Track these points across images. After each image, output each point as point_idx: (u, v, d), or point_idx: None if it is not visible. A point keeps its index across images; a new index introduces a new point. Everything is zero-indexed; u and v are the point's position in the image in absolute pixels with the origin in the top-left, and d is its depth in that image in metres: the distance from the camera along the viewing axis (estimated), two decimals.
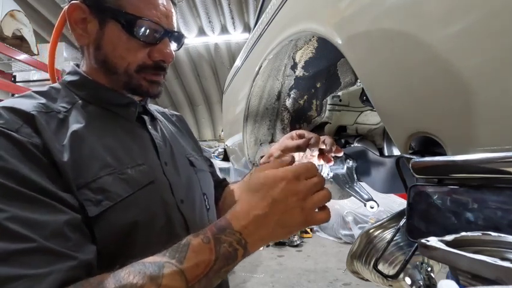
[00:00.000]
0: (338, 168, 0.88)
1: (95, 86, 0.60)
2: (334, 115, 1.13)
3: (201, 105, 11.27)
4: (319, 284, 3.83)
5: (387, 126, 0.55)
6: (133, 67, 0.59)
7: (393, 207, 4.60)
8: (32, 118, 0.48)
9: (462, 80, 0.39)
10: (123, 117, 0.62)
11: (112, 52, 0.58)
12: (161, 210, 0.56)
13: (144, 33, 0.58)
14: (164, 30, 0.60)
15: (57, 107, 0.54)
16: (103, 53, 0.58)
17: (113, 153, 0.54)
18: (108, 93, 0.61)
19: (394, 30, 0.48)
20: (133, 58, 0.59)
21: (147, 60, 0.60)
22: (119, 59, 0.58)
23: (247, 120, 1.33)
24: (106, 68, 0.59)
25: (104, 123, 0.58)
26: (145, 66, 0.60)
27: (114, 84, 0.61)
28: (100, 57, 0.59)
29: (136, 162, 0.56)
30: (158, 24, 0.59)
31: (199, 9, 7.22)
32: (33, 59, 4.03)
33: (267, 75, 1.16)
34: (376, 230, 0.91)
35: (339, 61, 0.95)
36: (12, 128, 0.45)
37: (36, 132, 0.47)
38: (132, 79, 0.60)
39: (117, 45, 0.58)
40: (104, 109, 0.60)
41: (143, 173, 0.56)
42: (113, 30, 0.57)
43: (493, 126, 0.36)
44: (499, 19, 0.34)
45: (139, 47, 0.59)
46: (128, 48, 0.58)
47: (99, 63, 0.60)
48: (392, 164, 0.79)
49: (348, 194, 0.88)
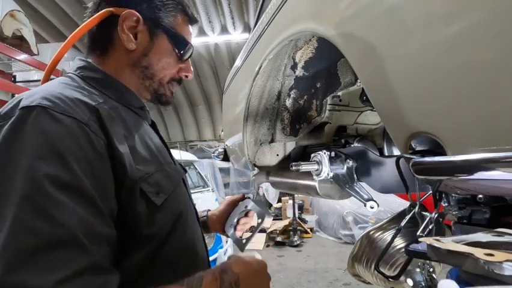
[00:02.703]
0: (338, 168, 0.88)
1: (119, 85, 0.65)
2: (334, 115, 1.13)
3: (200, 105, 11.27)
4: (319, 284, 3.83)
5: (387, 126, 0.54)
6: (166, 78, 0.70)
7: (393, 207, 4.60)
8: (97, 112, 0.52)
9: (462, 80, 0.39)
10: (142, 118, 0.69)
11: (156, 62, 0.67)
12: (188, 202, 0.69)
13: (186, 55, 0.70)
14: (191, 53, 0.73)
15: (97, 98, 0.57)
16: (147, 60, 0.66)
17: (152, 151, 0.62)
18: (130, 95, 0.67)
19: (394, 30, 0.48)
20: (170, 71, 0.69)
21: (176, 75, 0.71)
22: (160, 69, 0.68)
23: (247, 120, 1.33)
24: (144, 73, 0.67)
25: (135, 123, 0.63)
26: (173, 79, 0.71)
27: (139, 87, 0.68)
28: (144, 63, 0.66)
29: (168, 161, 0.66)
30: (193, 49, 0.72)
31: (199, 9, 7.21)
32: (33, 59, 4.03)
33: (267, 75, 1.16)
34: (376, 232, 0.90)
35: (339, 61, 0.95)
36: (83, 120, 0.49)
37: (102, 128, 0.51)
38: (162, 87, 0.70)
39: (162, 58, 0.67)
40: (128, 109, 0.65)
41: (175, 171, 0.67)
42: (163, 44, 0.67)
43: (493, 126, 0.36)
44: (499, 19, 0.34)
45: (176, 63, 0.70)
46: (169, 62, 0.68)
47: (139, 67, 0.66)
48: (392, 164, 0.79)
49: (348, 194, 0.88)
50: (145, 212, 0.54)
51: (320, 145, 1.15)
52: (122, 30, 0.63)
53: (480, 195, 0.59)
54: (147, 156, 0.59)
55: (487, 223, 0.58)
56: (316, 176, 0.87)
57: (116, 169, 0.51)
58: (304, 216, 6.73)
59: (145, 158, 0.58)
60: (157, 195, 0.56)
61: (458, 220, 0.64)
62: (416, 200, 0.61)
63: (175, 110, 11.60)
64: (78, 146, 0.46)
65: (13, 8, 3.68)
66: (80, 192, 0.44)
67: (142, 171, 0.55)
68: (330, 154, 0.88)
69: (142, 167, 0.56)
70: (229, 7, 7.28)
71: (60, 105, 0.48)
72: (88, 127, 0.49)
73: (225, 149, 2.09)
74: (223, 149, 2.12)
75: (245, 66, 1.40)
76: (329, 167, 0.86)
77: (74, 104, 0.50)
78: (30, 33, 4.05)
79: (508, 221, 0.57)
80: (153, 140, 0.66)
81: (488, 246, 0.35)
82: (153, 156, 0.61)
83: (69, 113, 0.48)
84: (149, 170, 0.57)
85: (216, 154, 2.26)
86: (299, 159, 1.11)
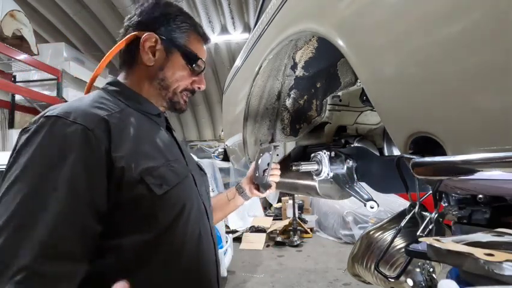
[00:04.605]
0: (338, 168, 0.88)
1: (137, 96, 0.77)
2: (334, 115, 1.13)
3: (200, 105, 11.26)
4: (319, 284, 3.83)
5: (387, 126, 0.55)
6: (180, 89, 0.80)
7: (393, 207, 4.60)
8: (105, 121, 0.63)
9: (462, 80, 0.39)
10: (158, 124, 0.79)
11: (171, 75, 0.78)
12: (195, 197, 0.75)
13: (198, 69, 0.81)
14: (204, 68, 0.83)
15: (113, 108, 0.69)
16: (163, 73, 0.78)
17: (160, 150, 0.71)
18: (147, 104, 0.78)
19: (394, 30, 0.48)
20: (183, 83, 0.80)
21: (189, 86, 0.82)
22: (174, 81, 0.79)
23: (247, 120, 1.33)
24: (160, 84, 0.78)
25: (149, 126, 0.75)
26: (186, 89, 0.81)
27: (157, 96, 0.79)
28: (160, 75, 0.78)
29: (176, 159, 0.75)
30: (205, 64, 0.83)
31: (199, 9, 7.21)
32: (33, 59, 4.03)
33: (267, 75, 1.16)
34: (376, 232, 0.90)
35: (339, 61, 0.95)
36: (89, 126, 0.59)
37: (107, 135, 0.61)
38: (176, 96, 0.80)
39: (176, 72, 0.78)
40: (144, 115, 0.76)
41: (183, 167, 0.75)
42: (177, 60, 0.78)
43: (493, 126, 0.36)
44: (498, 20, 0.34)
45: (189, 76, 0.80)
46: (183, 75, 0.79)
47: (156, 80, 0.78)
48: (392, 164, 0.79)
49: (348, 194, 0.88)
50: (145, 200, 0.63)
51: (319, 145, 1.14)
52: (144, 49, 0.76)
53: (480, 195, 0.59)
54: (154, 153, 0.69)
55: (487, 223, 0.58)
56: (316, 176, 0.87)
57: (114, 169, 0.60)
58: (304, 216, 6.73)
59: (151, 155, 0.68)
60: (160, 186, 0.65)
61: (458, 220, 0.64)
62: (416, 200, 0.61)
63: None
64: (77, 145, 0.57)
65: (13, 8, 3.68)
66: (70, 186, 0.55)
67: (146, 166, 0.64)
68: (330, 154, 0.88)
69: (146, 162, 0.65)
70: (229, 7, 7.27)
71: (72, 115, 0.60)
72: (93, 133, 0.59)
73: (225, 149, 2.09)
74: (223, 149, 2.12)
75: (245, 66, 1.40)
76: (329, 167, 0.86)
77: (85, 114, 0.61)
78: (30, 33, 4.05)
79: (508, 221, 0.57)
80: (164, 141, 0.75)
81: (488, 246, 0.35)
82: (161, 153, 0.71)
83: (78, 121, 0.59)
84: (154, 164, 0.66)
85: (216, 154, 2.26)
86: (299, 159, 1.11)
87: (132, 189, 0.62)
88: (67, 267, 0.53)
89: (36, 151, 0.56)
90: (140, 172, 0.63)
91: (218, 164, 7.75)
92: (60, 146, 0.57)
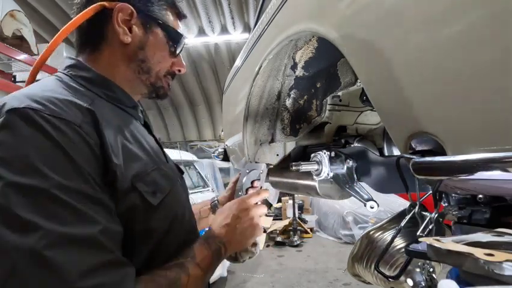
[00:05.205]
0: (338, 168, 0.88)
1: (111, 84, 0.63)
2: (334, 115, 1.13)
3: (200, 105, 11.27)
4: (319, 284, 3.83)
5: (387, 126, 0.54)
6: (162, 72, 0.69)
7: (393, 207, 4.60)
8: (92, 113, 0.51)
9: (462, 80, 0.39)
10: (135, 118, 0.67)
11: (152, 55, 0.66)
12: (185, 203, 0.68)
13: (179, 47, 0.70)
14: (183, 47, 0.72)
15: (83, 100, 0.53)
16: (143, 53, 0.65)
17: (146, 151, 0.61)
18: (121, 93, 0.65)
19: (394, 29, 0.48)
20: (165, 64, 0.69)
21: (170, 69, 0.70)
22: (156, 62, 0.67)
23: (247, 120, 1.33)
24: (141, 66, 0.65)
25: (127, 122, 0.62)
26: (169, 72, 0.70)
27: (134, 81, 0.66)
28: (140, 56, 0.65)
29: (163, 161, 0.66)
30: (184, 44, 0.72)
31: (199, 9, 7.22)
32: (33, 59, 4.03)
33: (267, 75, 1.16)
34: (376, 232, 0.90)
35: (339, 61, 0.95)
36: (76, 121, 0.48)
37: (96, 130, 0.50)
38: (159, 81, 0.69)
39: (157, 51, 0.66)
40: (119, 108, 0.63)
41: (172, 170, 0.68)
42: (158, 37, 0.66)
43: (493, 126, 0.36)
44: (498, 20, 0.34)
45: (169, 57, 0.69)
46: (164, 55, 0.68)
47: (136, 61, 0.65)
48: (392, 164, 0.79)
49: (348, 194, 0.88)
50: (138, 212, 0.53)
51: (319, 145, 1.15)
52: (118, 23, 0.61)
53: (480, 195, 0.59)
54: (142, 155, 0.58)
55: (487, 223, 0.58)
56: (316, 176, 0.87)
57: (108, 169, 0.49)
58: (304, 216, 6.73)
59: (139, 157, 0.57)
60: (154, 195, 0.55)
61: (458, 220, 0.64)
62: (416, 200, 0.61)
63: (175, 110, 11.60)
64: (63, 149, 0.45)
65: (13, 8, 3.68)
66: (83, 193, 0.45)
67: (137, 170, 0.54)
68: (330, 154, 0.88)
69: (137, 165, 0.55)
70: (229, 7, 7.28)
71: (50, 107, 0.46)
72: (81, 129, 0.47)
73: (225, 149, 2.09)
74: (223, 149, 2.12)
75: (245, 66, 1.40)
76: (329, 167, 0.86)
77: (65, 106, 0.48)
78: (30, 33, 4.06)
79: (508, 221, 0.57)
80: (147, 139, 0.64)
81: (488, 246, 0.35)
82: (148, 155, 0.60)
83: (60, 114, 0.46)
84: (145, 168, 0.56)
85: (216, 154, 2.26)
86: (299, 159, 1.11)
87: (124, 199, 0.51)
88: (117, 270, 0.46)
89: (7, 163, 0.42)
90: (132, 178, 0.52)
91: (218, 164, 7.75)
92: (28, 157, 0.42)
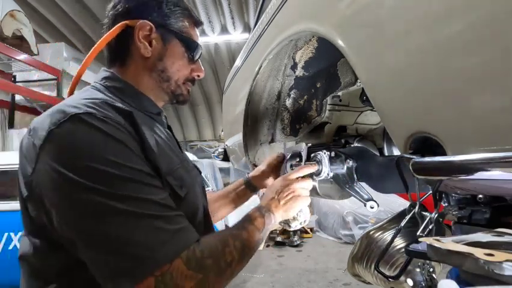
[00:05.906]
0: (338, 168, 0.88)
1: (139, 94, 0.71)
2: (334, 115, 1.13)
3: (200, 105, 11.27)
4: (319, 284, 3.83)
5: (387, 126, 0.55)
6: (182, 79, 0.75)
7: (393, 207, 4.60)
8: (130, 115, 0.59)
9: (462, 80, 0.39)
10: (159, 123, 0.74)
11: (171, 65, 0.72)
12: (202, 199, 0.74)
13: (196, 55, 0.76)
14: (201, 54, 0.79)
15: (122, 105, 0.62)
16: (162, 64, 0.72)
17: (172, 150, 0.69)
18: (148, 102, 0.73)
19: (394, 30, 0.48)
20: (184, 72, 0.75)
21: (189, 75, 0.77)
22: (175, 71, 0.73)
23: (247, 120, 1.33)
24: (161, 76, 0.72)
25: (154, 126, 0.70)
26: (188, 79, 0.77)
27: (157, 90, 0.74)
28: (159, 67, 0.72)
29: (185, 160, 0.74)
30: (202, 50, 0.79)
31: (199, 9, 7.22)
32: (33, 59, 4.03)
33: (267, 75, 1.16)
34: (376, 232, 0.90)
35: (339, 61, 0.95)
36: (121, 122, 0.56)
37: (136, 130, 0.58)
38: (179, 88, 0.75)
39: (176, 61, 0.73)
40: (146, 115, 0.70)
41: (192, 168, 0.76)
42: (175, 48, 0.73)
43: (493, 126, 0.36)
44: (498, 20, 0.34)
45: (188, 64, 0.75)
46: (182, 64, 0.74)
47: (156, 71, 0.72)
48: (392, 164, 0.79)
49: (348, 194, 0.88)
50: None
51: (320, 145, 1.14)
52: (139, 39, 0.69)
53: (480, 195, 0.59)
54: (170, 153, 0.67)
55: (487, 223, 0.58)
56: (316, 176, 0.87)
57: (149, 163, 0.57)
58: None
59: (168, 155, 0.65)
60: (181, 188, 0.63)
61: (458, 220, 0.64)
62: (416, 200, 0.61)
63: (175, 110, 11.60)
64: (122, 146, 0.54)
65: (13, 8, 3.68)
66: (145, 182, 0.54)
67: (167, 166, 0.62)
68: (330, 154, 0.88)
69: (167, 162, 0.63)
70: (229, 7, 7.28)
71: (102, 112, 0.55)
72: (126, 128, 0.56)
73: (225, 149, 2.09)
74: (223, 149, 2.12)
75: (245, 66, 1.40)
76: (329, 167, 0.86)
77: (110, 110, 0.57)
78: (30, 33, 4.06)
79: (508, 221, 0.57)
80: (171, 141, 0.73)
81: (488, 246, 0.35)
82: (174, 153, 0.69)
83: (110, 117, 0.55)
84: (173, 165, 0.65)
85: (216, 154, 2.26)
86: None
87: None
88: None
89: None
90: (164, 173, 0.60)
91: (218, 164, 7.75)
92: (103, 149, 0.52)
